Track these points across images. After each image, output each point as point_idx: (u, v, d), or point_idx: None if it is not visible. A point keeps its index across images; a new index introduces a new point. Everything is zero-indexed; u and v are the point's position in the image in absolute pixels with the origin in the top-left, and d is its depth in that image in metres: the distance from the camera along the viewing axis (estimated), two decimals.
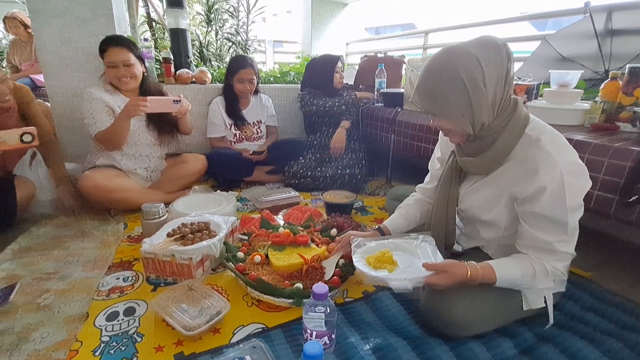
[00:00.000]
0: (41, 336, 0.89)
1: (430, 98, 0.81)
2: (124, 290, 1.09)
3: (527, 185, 0.78)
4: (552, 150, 0.76)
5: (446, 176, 1.00)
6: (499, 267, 0.81)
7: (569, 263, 0.83)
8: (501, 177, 0.86)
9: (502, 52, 0.77)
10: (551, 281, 0.82)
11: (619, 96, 1.21)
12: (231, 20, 3.46)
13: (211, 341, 0.87)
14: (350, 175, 1.96)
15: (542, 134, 0.79)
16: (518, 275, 0.81)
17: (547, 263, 0.80)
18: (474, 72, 0.75)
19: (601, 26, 1.76)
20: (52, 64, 1.91)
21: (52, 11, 1.83)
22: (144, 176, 1.77)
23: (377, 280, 0.86)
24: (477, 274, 0.80)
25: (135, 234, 1.46)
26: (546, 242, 0.79)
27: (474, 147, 0.87)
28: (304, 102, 2.23)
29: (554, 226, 0.78)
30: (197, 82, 2.27)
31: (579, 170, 0.78)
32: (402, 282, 0.79)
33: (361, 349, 0.82)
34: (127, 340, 0.88)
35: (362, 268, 0.89)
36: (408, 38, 3.74)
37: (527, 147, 0.80)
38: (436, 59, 0.80)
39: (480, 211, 0.92)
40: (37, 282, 1.13)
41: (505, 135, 0.82)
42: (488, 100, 0.78)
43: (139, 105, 1.48)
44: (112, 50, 1.56)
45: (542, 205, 0.76)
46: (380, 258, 0.92)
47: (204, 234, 1.19)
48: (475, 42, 0.78)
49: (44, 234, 1.45)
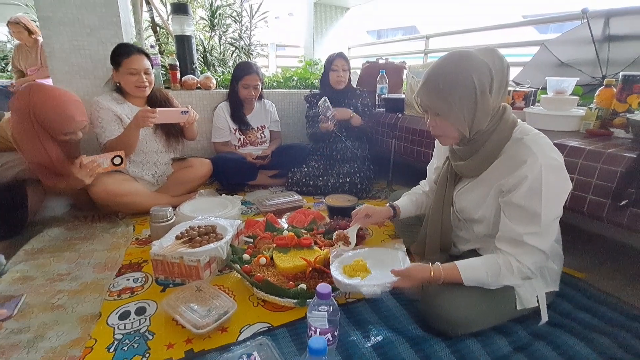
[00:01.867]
0: (57, 334, 0.94)
1: (438, 96, 0.83)
2: (134, 290, 1.13)
3: (511, 176, 0.82)
4: (534, 146, 0.81)
5: (442, 179, 1.05)
6: (464, 267, 0.87)
7: (538, 260, 0.85)
8: (489, 176, 0.91)
9: (504, 62, 0.82)
10: (517, 278, 0.85)
11: (613, 103, 1.25)
12: (234, 25, 3.52)
13: (219, 339, 0.92)
14: (350, 184, 1.98)
15: (525, 135, 0.85)
16: (483, 273, 0.85)
17: (514, 258, 0.83)
18: (484, 81, 0.79)
19: (599, 32, 1.79)
20: (62, 71, 1.96)
21: (62, 19, 1.89)
22: (151, 181, 1.82)
23: (349, 288, 0.93)
24: (440, 275, 0.87)
25: (143, 237, 1.51)
26: (517, 233, 0.82)
27: (465, 150, 0.93)
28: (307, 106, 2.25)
29: (526, 217, 0.81)
30: (202, 87, 2.33)
31: (557, 166, 0.81)
32: (372, 287, 0.87)
33: (362, 347, 0.86)
34: (139, 338, 0.92)
35: (337, 277, 0.96)
36: (409, 42, 3.79)
37: (512, 146, 0.86)
38: (450, 60, 0.82)
39: (472, 210, 0.97)
40: (50, 283, 1.17)
41: (494, 138, 0.87)
42: (490, 108, 0.83)
43: (148, 116, 1.53)
44: (135, 57, 1.60)
45: (519, 194, 0.80)
46: (355, 267, 1.00)
47: (211, 237, 1.23)
48: (484, 50, 0.83)
49: (56, 236, 1.50)
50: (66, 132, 1.51)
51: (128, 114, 1.67)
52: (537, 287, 0.92)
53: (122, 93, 1.71)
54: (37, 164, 1.49)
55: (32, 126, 1.43)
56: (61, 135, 1.50)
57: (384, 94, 2.25)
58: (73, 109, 1.49)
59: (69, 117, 1.47)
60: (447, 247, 1.08)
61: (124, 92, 1.70)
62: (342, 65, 2.09)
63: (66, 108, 1.46)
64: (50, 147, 1.48)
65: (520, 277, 0.85)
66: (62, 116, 1.46)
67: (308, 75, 2.91)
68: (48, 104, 1.43)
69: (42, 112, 1.42)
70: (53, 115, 1.44)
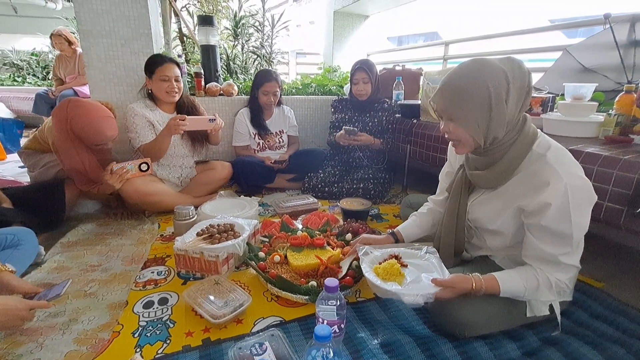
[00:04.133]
0: (88, 319, 1.03)
1: (453, 102, 0.84)
2: (158, 282, 1.21)
3: (533, 199, 0.81)
4: (557, 165, 0.80)
5: (456, 188, 1.04)
6: (503, 280, 0.86)
7: (573, 275, 0.86)
8: (508, 191, 0.90)
9: (525, 71, 0.81)
10: (554, 294, 0.85)
11: (633, 109, 1.23)
12: (256, 34, 3.66)
13: (234, 330, 0.97)
14: (364, 189, 1.99)
15: (548, 150, 0.83)
16: (521, 287, 0.85)
17: (551, 275, 0.83)
18: (500, 88, 0.79)
19: (624, 37, 1.75)
20: (98, 79, 2.12)
21: (100, 32, 2.05)
22: (176, 183, 1.93)
23: (389, 294, 0.88)
24: (481, 287, 0.85)
25: (167, 234, 1.61)
26: (551, 255, 0.82)
27: (482, 161, 0.92)
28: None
29: (558, 239, 0.81)
30: (225, 94, 2.44)
31: (584, 185, 0.80)
32: (415, 297, 0.84)
33: (370, 343, 0.89)
34: (161, 326, 0.99)
35: (373, 280, 0.92)
36: (429, 48, 3.78)
37: (534, 163, 0.84)
38: (467, 66, 0.83)
39: (487, 221, 0.96)
40: (84, 272, 1.28)
41: (513, 150, 0.86)
42: (506, 117, 0.81)
43: (179, 124, 1.67)
44: (168, 65, 1.74)
45: (548, 219, 0.79)
46: (389, 269, 0.96)
47: (229, 234, 1.30)
48: (502, 59, 0.83)
49: (89, 230, 1.62)
50: (97, 144, 1.67)
51: (159, 120, 1.80)
52: None
53: (153, 100, 1.83)
54: (73, 169, 1.65)
55: (69, 137, 1.60)
56: (93, 145, 1.66)
57: (400, 100, 2.27)
58: (104, 124, 1.63)
59: (99, 132, 1.62)
60: (459, 253, 1.09)
61: (156, 99, 1.83)
62: (362, 77, 2.07)
63: (98, 123, 1.61)
64: (84, 156, 1.64)
65: (557, 292, 0.85)
66: (94, 131, 1.61)
67: (327, 81, 2.98)
68: (82, 119, 1.58)
69: (77, 125, 1.58)
70: (86, 128, 1.59)
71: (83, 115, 1.58)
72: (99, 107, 1.66)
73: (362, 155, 2.18)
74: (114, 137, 1.69)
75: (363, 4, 3.40)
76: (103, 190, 1.67)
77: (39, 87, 4.21)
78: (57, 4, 6.00)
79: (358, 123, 2.18)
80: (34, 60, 5.12)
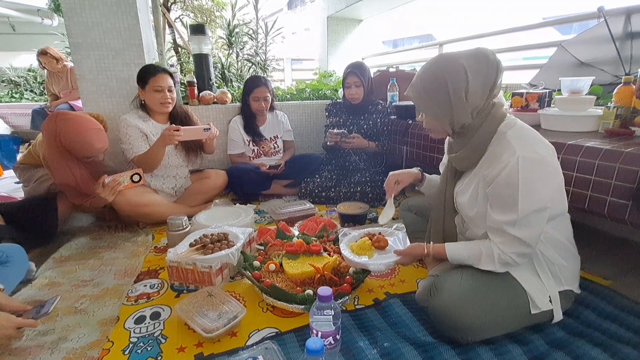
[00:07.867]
0: (78, 336, 0.99)
1: (420, 98, 0.93)
2: (151, 296, 1.17)
3: (492, 168, 0.87)
4: (514, 140, 0.84)
5: (444, 174, 1.09)
6: (450, 246, 0.96)
7: (520, 250, 0.84)
8: (480, 172, 0.93)
9: (491, 64, 0.85)
10: (496, 264, 0.86)
11: (633, 101, 1.20)
12: (251, 42, 3.66)
13: (228, 343, 0.93)
14: (361, 193, 1.98)
15: (510, 129, 0.87)
16: (464, 255, 0.92)
17: (496, 246, 0.86)
18: (459, 83, 0.85)
19: (620, 29, 1.73)
20: (90, 91, 2.11)
21: (90, 44, 2.04)
22: (170, 194, 1.90)
23: (358, 265, 1.06)
24: (429, 250, 0.98)
25: (161, 245, 1.57)
26: (496, 222, 0.85)
27: (457, 143, 0.98)
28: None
29: (504, 206, 0.84)
30: (219, 102, 2.42)
31: (540, 159, 0.82)
32: (378, 265, 1.01)
33: (369, 353, 0.85)
34: (152, 342, 0.95)
35: (346, 254, 1.08)
36: (424, 50, 3.78)
37: (498, 141, 0.89)
38: (431, 63, 0.91)
39: (468, 208, 0.96)
40: (75, 288, 1.24)
41: (481, 131, 0.91)
42: (468, 108, 0.88)
43: (174, 135, 1.65)
44: (160, 76, 1.73)
45: (498, 183, 0.84)
46: (362, 246, 1.12)
47: (222, 244, 1.27)
48: (469, 53, 0.87)
49: (82, 245, 1.59)
50: (87, 157, 1.63)
51: (152, 131, 1.78)
52: (549, 286, 0.88)
53: (146, 111, 1.81)
54: (64, 183, 1.62)
55: (59, 150, 1.57)
56: (83, 158, 1.63)
57: (395, 102, 2.25)
58: (93, 136, 1.60)
59: (88, 144, 1.58)
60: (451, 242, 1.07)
61: (149, 110, 1.81)
62: (354, 81, 2.06)
63: (87, 136, 1.58)
64: (75, 169, 1.61)
65: (500, 264, 0.86)
66: (83, 143, 1.58)
67: (321, 86, 2.96)
68: (71, 132, 1.55)
69: (66, 138, 1.55)
70: (75, 141, 1.56)
71: (71, 128, 1.55)
72: (87, 120, 1.63)
73: (359, 159, 2.16)
74: (103, 150, 1.67)
75: (356, 8, 3.40)
76: (96, 203, 1.64)
77: (37, 103, 4.22)
78: (54, 20, 6.06)
79: (352, 126, 2.16)
80: (31, 77, 5.15)
